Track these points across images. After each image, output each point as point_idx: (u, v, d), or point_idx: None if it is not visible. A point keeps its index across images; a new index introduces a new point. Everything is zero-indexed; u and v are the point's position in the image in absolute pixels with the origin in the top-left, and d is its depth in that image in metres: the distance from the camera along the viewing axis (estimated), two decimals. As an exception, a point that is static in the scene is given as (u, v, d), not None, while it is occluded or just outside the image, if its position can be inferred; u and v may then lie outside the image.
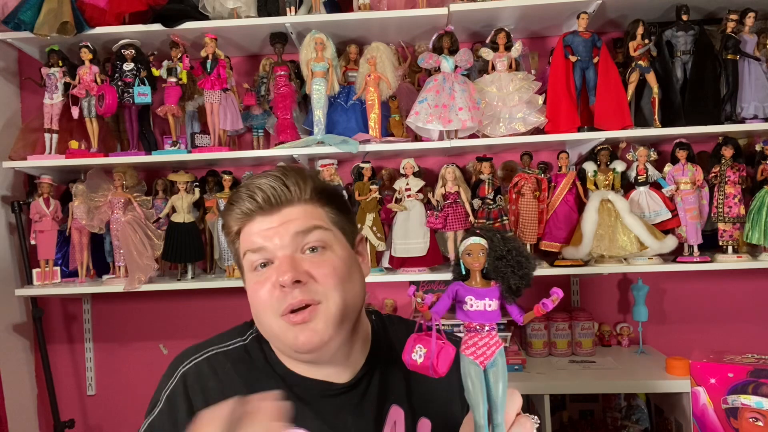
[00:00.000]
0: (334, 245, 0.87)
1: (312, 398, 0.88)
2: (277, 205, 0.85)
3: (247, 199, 0.86)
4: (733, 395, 1.12)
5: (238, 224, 0.88)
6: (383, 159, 2.41)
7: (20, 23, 2.09)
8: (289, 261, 0.82)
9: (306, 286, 0.82)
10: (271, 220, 0.85)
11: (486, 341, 0.65)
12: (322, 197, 0.89)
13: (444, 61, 2.07)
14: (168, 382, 0.90)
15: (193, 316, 2.47)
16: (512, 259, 0.65)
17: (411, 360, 0.66)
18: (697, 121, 2.05)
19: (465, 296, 0.65)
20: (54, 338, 2.48)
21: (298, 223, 0.85)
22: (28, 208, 2.18)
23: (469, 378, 0.64)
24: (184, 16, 2.11)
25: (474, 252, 0.66)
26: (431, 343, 0.64)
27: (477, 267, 0.66)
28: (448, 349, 0.64)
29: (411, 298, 0.72)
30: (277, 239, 0.84)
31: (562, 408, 2.25)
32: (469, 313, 0.65)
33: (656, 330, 2.34)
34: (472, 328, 0.65)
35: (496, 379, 0.64)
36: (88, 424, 2.51)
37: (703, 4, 2.17)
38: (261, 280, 0.84)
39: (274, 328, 0.84)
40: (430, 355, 0.64)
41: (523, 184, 2.08)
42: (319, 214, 0.87)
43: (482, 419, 0.63)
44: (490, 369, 0.64)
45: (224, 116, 2.15)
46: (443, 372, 0.64)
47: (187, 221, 2.12)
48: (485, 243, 0.66)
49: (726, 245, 2.05)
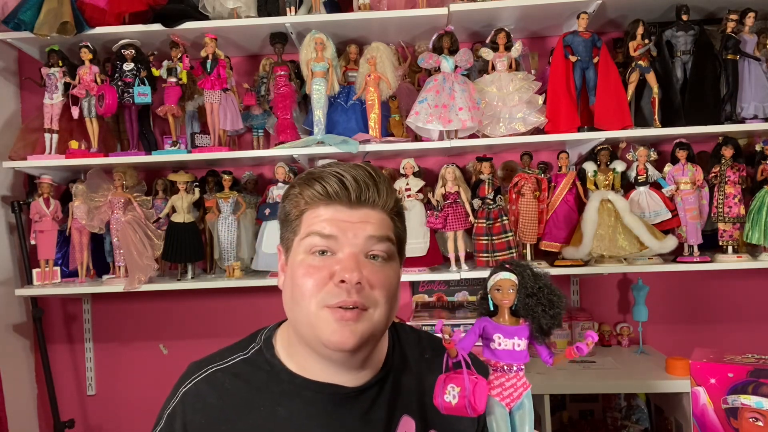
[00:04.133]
0: (393, 261, 0.88)
1: (321, 402, 0.87)
2: (362, 202, 0.84)
3: (335, 181, 0.83)
4: (733, 395, 1.12)
5: (310, 203, 0.86)
6: (383, 159, 2.41)
7: (20, 23, 2.09)
8: (356, 260, 0.82)
9: (363, 290, 0.82)
10: (351, 213, 0.84)
11: (513, 382, 0.62)
12: (397, 212, 0.89)
13: (444, 61, 2.07)
14: (170, 401, 0.91)
15: (193, 316, 2.47)
16: (543, 297, 0.63)
17: (445, 403, 0.62)
18: (697, 121, 2.05)
19: (493, 334, 0.63)
20: (54, 338, 2.48)
21: (374, 227, 0.84)
22: (28, 208, 2.18)
23: (494, 419, 0.61)
24: (184, 16, 2.11)
25: (504, 288, 0.63)
26: (464, 380, 0.61)
27: (507, 304, 0.63)
28: (483, 384, 0.61)
29: (439, 334, 0.70)
30: (351, 234, 0.83)
31: (562, 408, 2.25)
32: (497, 351, 0.62)
33: (656, 330, 2.34)
34: (499, 367, 0.63)
35: (522, 422, 0.62)
36: (88, 424, 2.51)
37: (703, 4, 2.17)
38: (318, 266, 0.83)
39: (313, 316, 0.82)
40: (466, 394, 0.61)
41: (523, 184, 2.08)
42: (390, 226, 0.88)
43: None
44: (517, 411, 0.62)
45: (224, 116, 2.15)
46: (482, 409, 0.60)
47: (187, 221, 2.12)
48: (516, 279, 0.63)
49: (726, 245, 2.05)
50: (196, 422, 0.86)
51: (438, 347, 0.98)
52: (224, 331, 2.42)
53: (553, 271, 2.10)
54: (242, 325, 0.93)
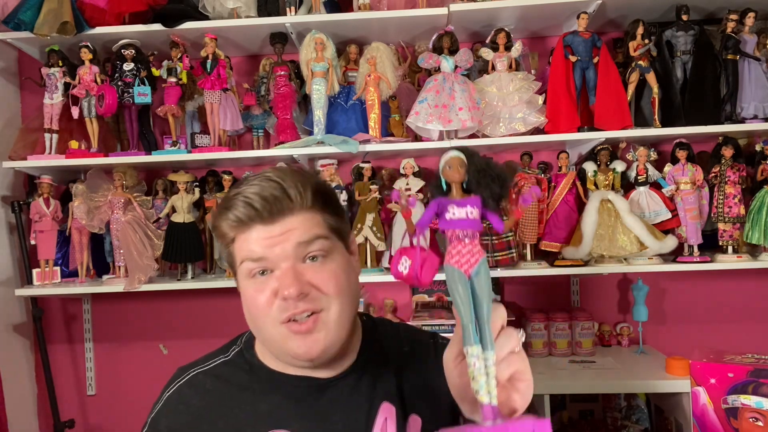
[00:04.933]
0: (334, 252, 0.87)
1: (300, 395, 0.89)
2: (276, 214, 0.83)
3: (243, 206, 0.82)
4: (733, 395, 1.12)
5: (233, 231, 0.85)
6: (383, 159, 2.41)
7: (20, 23, 2.09)
8: (292, 273, 0.82)
9: (309, 296, 0.82)
10: (271, 229, 0.83)
11: (469, 248, 0.65)
12: (321, 202, 0.87)
13: (444, 61, 2.07)
14: (155, 406, 0.93)
15: (193, 316, 2.47)
16: (491, 170, 0.67)
17: (397, 272, 0.67)
18: (697, 121, 2.05)
19: (447, 206, 0.66)
20: (54, 338, 2.48)
21: (299, 232, 0.83)
22: (28, 208, 2.18)
23: (454, 284, 0.64)
24: (184, 16, 2.11)
25: (454, 165, 0.66)
26: (416, 254, 0.65)
27: (458, 179, 0.66)
28: (433, 258, 0.65)
29: (395, 202, 0.73)
30: (279, 249, 0.82)
31: (562, 408, 2.25)
32: (452, 221, 0.65)
33: (656, 330, 2.34)
34: (455, 236, 0.65)
35: (480, 288, 0.64)
36: (88, 424, 2.51)
37: (703, 4, 2.17)
38: (261, 288, 0.83)
39: (273, 335, 0.84)
40: (415, 266, 0.65)
41: (523, 184, 2.08)
42: (318, 221, 0.86)
43: (470, 322, 0.63)
44: (475, 278, 0.64)
45: (224, 116, 2.15)
46: (427, 281, 0.65)
47: (187, 221, 2.12)
48: (464, 156, 0.67)
49: (726, 245, 2.05)
50: (179, 424, 0.89)
51: (416, 342, 1.01)
52: (224, 331, 2.38)
53: (553, 271, 2.10)
54: (242, 325, 0.94)
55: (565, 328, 2.20)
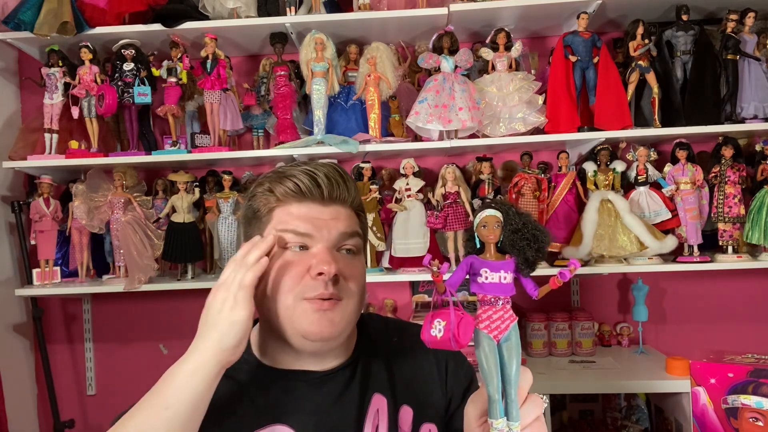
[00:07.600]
0: (361, 253, 0.94)
1: (296, 387, 0.90)
2: (333, 199, 0.88)
3: (307, 179, 0.86)
4: (733, 395, 1.12)
5: (287, 199, 0.88)
6: (383, 159, 2.41)
7: (20, 23, 2.09)
8: (331, 255, 0.86)
9: (339, 281, 0.86)
10: (323, 210, 0.87)
11: (500, 314, 0.64)
12: (359, 206, 0.95)
13: (444, 61, 2.07)
14: None
15: (193, 316, 2.41)
16: (528, 232, 0.65)
17: (431, 337, 0.64)
18: (697, 121, 2.05)
19: (480, 269, 0.64)
20: (54, 338, 2.48)
21: (345, 223, 0.89)
22: (28, 208, 2.18)
23: (482, 352, 0.63)
24: (184, 16, 2.11)
25: (489, 224, 0.65)
26: (449, 315, 0.63)
27: (492, 239, 0.65)
28: (468, 319, 0.63)
29: (426, 266, 0.72)
30: (325, 231, 0.86)
31: (562, 408, 2.25)
32: (484, 285, 0.64)
33: (656, 330, 2.34)
34: (487, 301, 0.64)
35: (510, 354, 0.63)
36: (88, 424, 2.51)
37: (703, 4, 2.17)
38: (294, 260, 0.85)
39: (290, 308, 0.85)
40: (450, 327, 0.62)
41: (523, 184, 2.08)
42: (357, 222, 0.93)
43: (496, 393, 0.62)
44: (504, 344, 0.63)
45: (224, 116, 2.15)
46: (465, 343, 0.62)
47: (187, 221, 2.12)
48: (500, 215, 0.65)
49: (726, 245, 2.05)
50: None
51: (404, 333, 1.03)
52: (224, 331, 2.41)
53: (554, 271, 2.09)
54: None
55: (565, 328, 2.21)
